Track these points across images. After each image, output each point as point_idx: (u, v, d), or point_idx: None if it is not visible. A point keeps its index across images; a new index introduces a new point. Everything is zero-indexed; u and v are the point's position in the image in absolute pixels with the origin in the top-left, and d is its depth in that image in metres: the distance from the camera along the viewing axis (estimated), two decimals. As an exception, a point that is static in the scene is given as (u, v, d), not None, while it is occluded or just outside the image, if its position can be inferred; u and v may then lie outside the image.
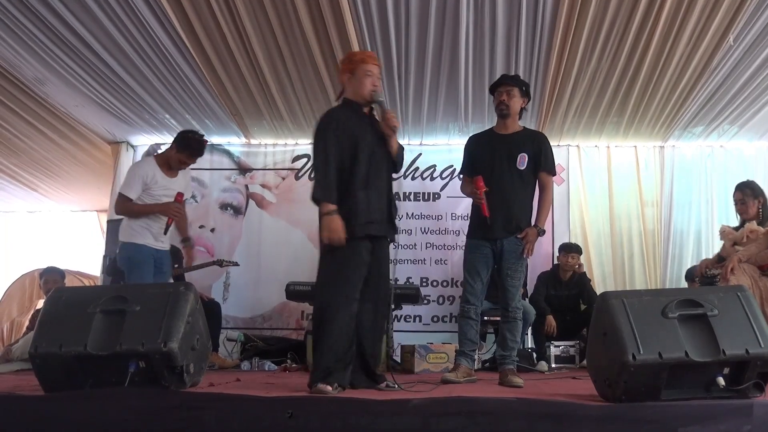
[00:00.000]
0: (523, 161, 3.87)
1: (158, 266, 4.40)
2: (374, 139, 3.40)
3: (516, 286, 3.86)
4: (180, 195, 4.36)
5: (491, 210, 3.80)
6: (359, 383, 3.28)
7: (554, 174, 4.07)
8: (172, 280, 4.56)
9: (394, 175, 3.61)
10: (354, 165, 3.33)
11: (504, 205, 3.83)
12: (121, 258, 4.43)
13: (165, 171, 4.49)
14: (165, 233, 4.32)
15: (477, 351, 4.82)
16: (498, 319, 4.14)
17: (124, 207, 4.40)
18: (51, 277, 5.96)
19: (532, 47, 4.94)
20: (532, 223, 3.91)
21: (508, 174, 3.86)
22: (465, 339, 3.86)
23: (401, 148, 3.52)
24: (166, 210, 4.33)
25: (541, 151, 3.92)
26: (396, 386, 3.27)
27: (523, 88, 4.00)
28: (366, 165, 3.33)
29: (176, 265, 5.58)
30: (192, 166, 4.68)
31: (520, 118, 4.04)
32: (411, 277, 6.66)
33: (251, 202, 7.05)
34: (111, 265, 5.85)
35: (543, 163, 3.93)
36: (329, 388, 2.96)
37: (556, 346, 5.58)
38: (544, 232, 3.92)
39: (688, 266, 6.55)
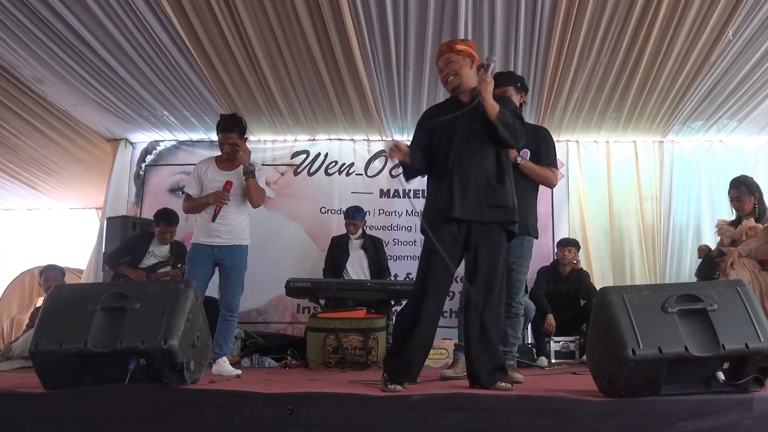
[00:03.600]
0: (525, 156, 3.86)
1: (219, 262, 4.38)
2: (465, 127, 3.20)
3: (520, 280, 3.86)
4: (228, 183, 4.35)
5: None
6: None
7: (556, 167, 4.04)
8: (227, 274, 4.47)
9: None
10: (438, 154, 3.26)
11: None
12: None
13: (219, 165, 4.50)
14: (213, 220, 4.30)
15: None
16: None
17: (185, 204, 4.56)
18: (51, 275, 5.95)
19: (530, 42, 4.94)
20: (532, 224, 3.91)
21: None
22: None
23: (506, 115, 3.15)
24: (211, 199, 4.36)
25: (542, 146, 3.91)
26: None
27: (518, 84, 3.96)
28: (448, 153, 3.21)
29: (180, 265, 5.59)
30: (193, 162, 4.60)
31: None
32: (411, 273, 6.66)
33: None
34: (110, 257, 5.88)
35: (545, 157, 3.91)
36: None
37: (555, 342, 5.58)
38: (519, 163, 3.81)
39: (688, 261, 6.57)
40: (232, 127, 4.45)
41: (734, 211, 4.83)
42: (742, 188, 4.72)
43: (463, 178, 3.15)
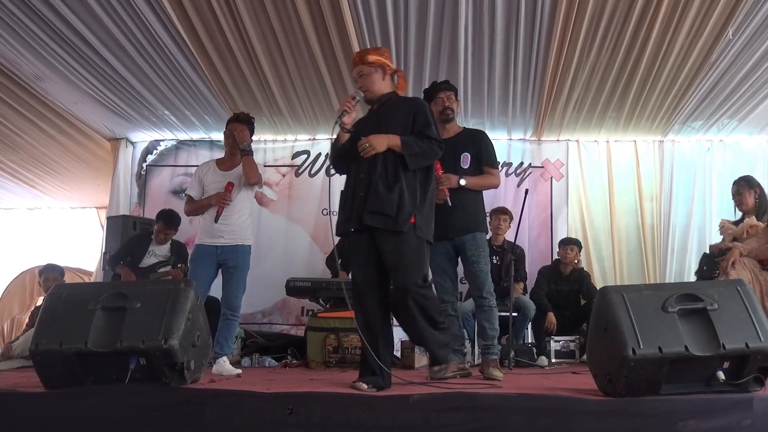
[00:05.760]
0: (466, 160, 4.02)
1: (222, 262, 4.39)
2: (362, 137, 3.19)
3: (484, 271, 3.95)
4: (230, 184, 4.38)
5: (443, 211, 3.82)
6: None
7: (496, 167, 4.22)
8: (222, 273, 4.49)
9: None
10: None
11: (454, 205, 3.92)
12: None
13: (220, 167, 4.53)
14: (216, 221, 4.33)
15: (468, 343, 4.92)
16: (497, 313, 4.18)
17: (186, 206, 4.61)
18: (50, 275, 5.94)
19: (531, 41, 4.94)
20: (482, 221, 4.10)
21: (454, 174, 3.96)
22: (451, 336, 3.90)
23: (410, 144, 3.14)
24: (213, 200, 4.39)
25: (480, 148, 4.06)
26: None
27: (456, 91, 4.21)
28: (354, 164, 3.25)
29: (180, 265, 5.59)
30: (194, 162, 4.53)
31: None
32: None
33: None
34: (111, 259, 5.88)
35: (485, 159, 4.07)
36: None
37: (556, 341, 5.58)
38: (463, 185, 3.96)
39: (688, 260, 6.57)
40: (247, 121, 4.52)
41: (737, 209, 4.84)
42: (741, 183, 4.76)
43: (358, 188, 3.17)
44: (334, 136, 3.35)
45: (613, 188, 6.88)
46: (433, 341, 3.17)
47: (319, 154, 7.11)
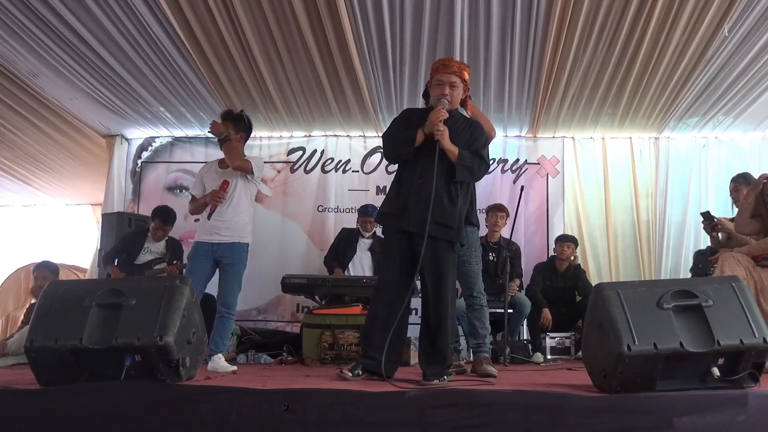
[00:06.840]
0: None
1: (218, 259, 4.38)
2: (432, 145, 3.30)
3: (475, 270, 3.98)
4: (225, 183, 4.38)
5: None
6: None
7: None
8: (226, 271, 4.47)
9: None
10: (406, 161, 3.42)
11: None
12: None
13: (220, 165, 4.53)
14: (209, 219, 4.33)
15: (463, 340, 4.92)
16: (493, 310, 4.19)
17: (189, 205, 4.67)
18: (41, 273, 5.91)
19: (527, 38, 4.94)
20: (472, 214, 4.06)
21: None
22: None
23: (465, 158, 3.31)
24: (208, 198, 4.40)
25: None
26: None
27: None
28: (412, 163, 3.36)
29: (175, 261, 5.58)
30: (189, 159, 4.49)
31: None
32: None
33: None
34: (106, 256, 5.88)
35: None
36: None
37: (551, 338, 5.59)
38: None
39: (683, 257, 6.58)
40: (229, 118, 4.49)
41: (733, 206, 4.87)
42: (739, 179, 4.82)
43: (418, 192, 3.29)
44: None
45: (609, 185, 6.89)
46: (437, 359, 3.32)
47: (315, 151, 7.10)
